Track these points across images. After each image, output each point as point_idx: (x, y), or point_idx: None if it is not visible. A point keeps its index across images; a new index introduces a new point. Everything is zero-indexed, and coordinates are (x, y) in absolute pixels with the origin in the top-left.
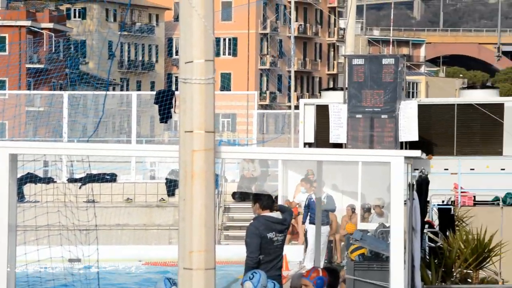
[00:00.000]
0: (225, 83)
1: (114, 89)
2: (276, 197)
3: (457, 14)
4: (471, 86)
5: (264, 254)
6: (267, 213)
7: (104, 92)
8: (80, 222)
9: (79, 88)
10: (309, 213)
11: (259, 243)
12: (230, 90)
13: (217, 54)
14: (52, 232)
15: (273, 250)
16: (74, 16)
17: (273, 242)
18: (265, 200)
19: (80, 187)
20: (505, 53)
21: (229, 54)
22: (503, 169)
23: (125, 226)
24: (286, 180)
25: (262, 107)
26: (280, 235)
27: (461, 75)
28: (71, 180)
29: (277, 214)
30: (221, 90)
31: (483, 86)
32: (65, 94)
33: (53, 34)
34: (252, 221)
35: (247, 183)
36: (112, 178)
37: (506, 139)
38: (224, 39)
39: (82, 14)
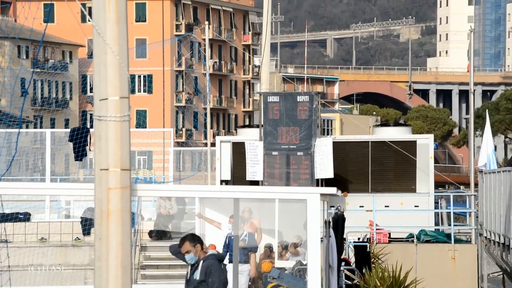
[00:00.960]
0: (141, 120)
1: (27, 127)
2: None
3: (369, 53)
4: (384, 124)
5: None
6: (210, 251)
7: (17, 130)
8: None
9: None
10: (228, 252)
11: None
12: (146, 127)
13: (132, 91)
14: None
15: None
16: None
17: None
18: (201, 240)
19: None
20: (416, 91)
21: (144, 91)
22: (417, 206)
23: (39, 266)
24: None
25: (178, 144)
26: None
27: (374, 113)
28: None
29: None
30: (137, 127)
31: (396, 124)
32: None
33: None
34: (205, 260)
35: (164, 221)
36: (25, 217)
37: (420, 177)
38: (139, 76)
39: None
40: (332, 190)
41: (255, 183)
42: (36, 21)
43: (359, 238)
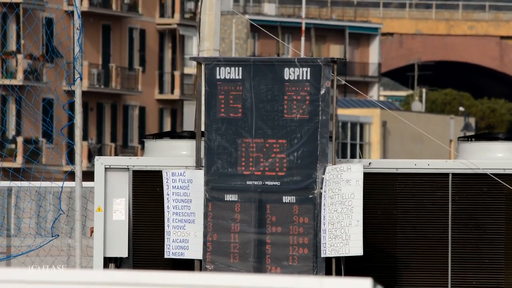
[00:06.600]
0: None
1: None
2: None
3: None
4: (485, 136)
5: None
6: None
7: None
8: None
9: None
10: None
11: None
12: None
13: None
14: None
15: None
16: None
17: None
18: None
19: None
20: None
21: None
22: None
23: None
24: None
25: None
26: None
27: (461, 108)
28: None
29: None
30: None
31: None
32: None
33: None
34: None
35: None
36: None
37: None
38: None
39: None
40: None
41: (182, 266)
42: None
43: None
